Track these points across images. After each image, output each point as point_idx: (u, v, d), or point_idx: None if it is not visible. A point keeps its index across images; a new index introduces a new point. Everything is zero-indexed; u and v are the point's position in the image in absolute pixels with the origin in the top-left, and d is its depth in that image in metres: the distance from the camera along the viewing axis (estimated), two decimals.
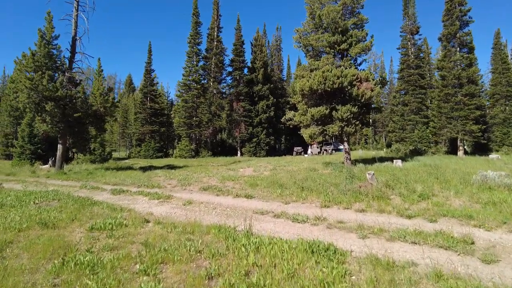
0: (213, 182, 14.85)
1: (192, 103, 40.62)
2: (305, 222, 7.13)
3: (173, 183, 15.12)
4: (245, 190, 12.20)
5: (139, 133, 45.03)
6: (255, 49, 44.88)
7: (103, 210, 8.57)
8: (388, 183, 10.78)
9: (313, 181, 12.52)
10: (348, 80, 17.95)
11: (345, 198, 9.43)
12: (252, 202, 9.88)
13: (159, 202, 10.09)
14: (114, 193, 11.91)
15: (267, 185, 12.69)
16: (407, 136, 39.48)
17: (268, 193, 11.18)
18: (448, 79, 32.75)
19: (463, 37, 32.66)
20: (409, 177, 12.42)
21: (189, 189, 13.03)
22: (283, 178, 14.80)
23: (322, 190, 10.69)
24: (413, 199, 8.98)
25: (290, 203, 9.53)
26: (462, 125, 31.72)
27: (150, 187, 13.69)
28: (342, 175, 14.33)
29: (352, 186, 10.53)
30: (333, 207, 8.83)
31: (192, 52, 41.42)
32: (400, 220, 7.16)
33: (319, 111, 18.57)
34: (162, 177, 18.02)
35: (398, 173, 14.20)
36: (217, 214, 8.36)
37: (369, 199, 9.26)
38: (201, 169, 22.29)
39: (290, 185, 12.29)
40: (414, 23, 41.51)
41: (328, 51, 20.00)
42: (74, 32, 20.99)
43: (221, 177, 16.18)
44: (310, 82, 18.41)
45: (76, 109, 19.71)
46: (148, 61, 46.54)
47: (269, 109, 43.78)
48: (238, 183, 14.07)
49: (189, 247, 5.15)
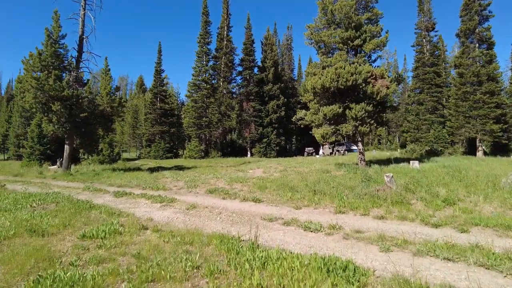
0: (221, 184, 14.22)
1: (202, 103, 40.14)
2: (318, 231, 6.39)
3: (180, 185, 14.56)
4: (253, 193, 11.52)
5: (149, 134, 44.83)
6: (265, 48, 44.16)
7: (100, 215, 8.02)
8: (408, 187, 9.94)
9: (326, 184, 11.75)
10: (362, 77, 17.10)
11: (361, 203, 8.65)
12: (260, 207, 9.19)
13: (162, 206, 9.50)
14: (117, 195, 11.40)
15: (277, 187, 11.99)
16: (422, 136, 38.14)
17: (278, 197, 10.47)
18: (466, 76, 31.39)
19: (483, 33, 31.26)
20: (429, 180, 11.55)
21: (195, 192, 12.42)
22: (293, 180, 14.07)
23: (336, 193, 9.93)
24: (437, 205, 8.14)
25: (301, 208, 8.80)
26: (482, 124, 30.34)
27: (155, 189, 13.14)
28: (357, 177, 13.52)
29: (369, 190, 9.73)
30: (349, 213, 8.07)
31: (202, 51, 40.96)
32: (425, 229, 6.35)
33: (331, 109, 17.76)
34: (169, 178, 17.53)
35: (416, 175, 13.32)
36: (222, 220, 7.69)
37: (388, 204, 8.46)
38: (209, 170, 21.73)
39: (301, 188, 11.56)
40: (430, 19, 40.12)
41: (341, 47, 19.17)
42: (81, 31, 20.71)
43: (229, 178, 15.55)
44: (322, 79, 17.62)
45: (82, 109, 19.39)
46: (158, 61, 46.35)
47: (280, 109, 43.00)
48: (247, 185, 13.41)
49: (185, 262, 4.50)
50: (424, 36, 40.47)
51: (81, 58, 20.80)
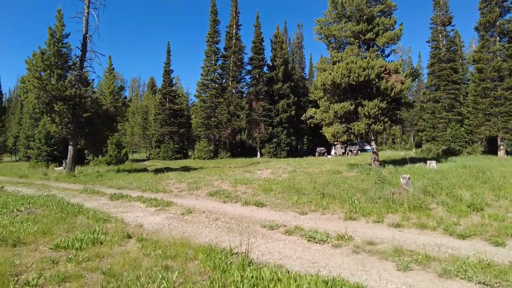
0: (224, 186, 13.47)
1: (211, 103, 39.55)
2: (324, 242, 5.54)
3: (182, 186, 13.88)
4: (257, 196, 10.73)
5: (158, 135, 44.56)
6: (275, 46, 43.25)
7: (87, 220, 7.37)
8: (427, 189, 8.96)
9: (336, 186, 10.85)
10: (375, 72, 16.09)
11: (374, 208, 7.75)
12: (262, 212, 8.38)
13: (156, 210, 8.80)
14: (112, 198, 10.77)
15: (283, 190, 11.16)
16: (438, 135, 36.59)
17: (283, 200, 9.64)
18: (486, 72, 29.78)
19: (504, 25, 29.59)
20: (450, 182, 10.52)
21: (196, 194, 11.71)
22: (302, 181, 13.23)
23: (346, 197, 9.03)
24: (461, 211, 7.17)
25: (307, 214, 7.96)
26: (503, 122, 28.69)
27: (155, 191, 12.49)
28: (370, 178, 12.57)
29: (383, 193, 8.80)
30: (360, 220, 7.19)
31: (211, 51, 40.37)
32: (450, 240, 5.43)
33: (342, 107, 16.82)
34: (173, 179, 16.91)
35: (435, 176, 12.28)
36: (217, 227, 6.92)
37: (405, 209, 7.53)
38: (216, 171, 21.04)
39: (309, 190, 10.70)
40: (446, 13, 38.49)
41: (352, 41, 18.19)
42: (85, 30, 20.33)
43: (234, 180, 14.79)
44: (332, 75, 16.70)
45: (86, 109, 18.99)
46: (166, 61, 46.06)
47: (290, 108, 42.02)
48: (251, 187, 12.62)
49: (159, 282, 3.74)
50: (440, 31, 38.85)
51: (85, 57, 20.42)
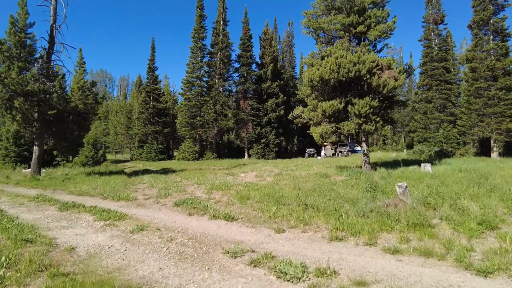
0: (198, 193, 12.01)
1: (196, 101, 37.82)
2: (298, 280, 4.10)
3: (151, 193, 12.38)
4: (231, 206, 9.29)
5: (141, 134, 42.67)
6: (264, 43, 41.81)
7: (4, 242, 5.82)
8: (427, 200, 7.62)
9: (321, 195, 9.46)
10: (366, 68, 14.79)
11: (366, 224, 6.38)
12: (232, 228, 6.93)
13: (104, 225, 7.26)
14: (62, 209, 9.18)
15: (262, 198, 9.73)
16: (431, 136, 35.68)
17: (259, 212, 8.22)
18: (479, 71, 28.88)
19: (497, 23, 28.75)
20: (451, 189, 9.22)
21: (163, 203, 10.21)
22: (285, 187, 11.84)
23: (333, 209, 7.64)
24: (471, 229, 5.83)
25: (284, 231, 6.54)
26: (497, 123, 27.81)
27: (116, 199, 10.93)
28: (361, 184, 11.24)
29: (376, 205, 7.43)
30: (349, 241, 5.81)
31: (196, 47, 38.64)
32: (468, 278, 4.05)
33: (331, 105, 15.48)
34: (145, 184, 15.42)
35: (432, 182, 10.99)
36: (168, 252, 5.44)
37: (403, 227, 6.16)
38: (196, 174, 19.55)
39: (291, 199, 9.29)
40: (439, 11, 37.63)
41: (342, 35, 16.91)
42: (53, 19, 18.58)
43: (211, 185, 13.33)
44: (320, 70, 15.36)
45: (51, 105, 17.24)
46: (151, 58, 44.11)
47: (279, 107, 40.60)
48: (228, 195, 11.18)
49: None
50: (432, 29, 37.98)
51: (53, 50, 18.67)
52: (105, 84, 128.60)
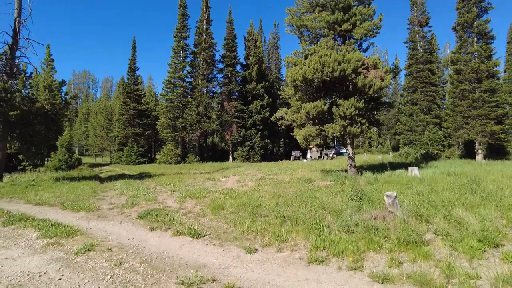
0: (169, 202, 10.96)
1: (178, 103, 36.55)
2: None
3: (118, 201, 11.26)
4: (201, 218, 8.30)
5: (121, 137, 41.01)
6: (249, 43, 40.90)
7: None
8: (419, 211, 6.81)
9: (302, 204, 8.55)
10: (352, 67, 14.05)
11: (350, 241, 5.50)
12: (196, 248, 5.95)
13: (46, 244, 6.15)
14: (6, 223, 7.97)
15: (237, 208, 8.77)
16: (416, 139, 35.39)
17: (231, 226, 7.26)
18: (464, 73, 28.69)
19: (481, 26, 28.66)
20: (442, 197, 8.47)
21: (127, 214, 9.13)
22: (265, 194, 10.92)
23: (314, 221, 6.74)
24: (471, 247, 5.02)
25: (256, 251, 5.60)
26: (481, 125, 27.63)
27: (77, 209, 9.78)
28: (346, 189, 10.43)
29: (362, 217, 6.57)
30: (330, 263, 4.92)
31: (179, 46, 37.39)
32: None
33: (315, 106, 14.68)
34: (116, 191, 14.25)
35: (422, 188, 10.26)
36: (112, 282, 4.43)
37: (393, 245, 5.31)
38: (174, 179, 18.44)
39: (269, 209, 8.37)
40: (424, 13, 37.57)
41: (327, 33, 16.14)
42: (17, 12, 17.20)
43: (186, 192, 12.30)
44: (304, 69, 14.53)
45: (14, 105, 15.87)
46: (132, 58, 42.51)
47: (264, 109, 39.70)
48: (201, 204, 10.18)
49: None
50: (417, 31, 37.87)
51: (17, 46, 17.28)
52: (88, 86, 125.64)
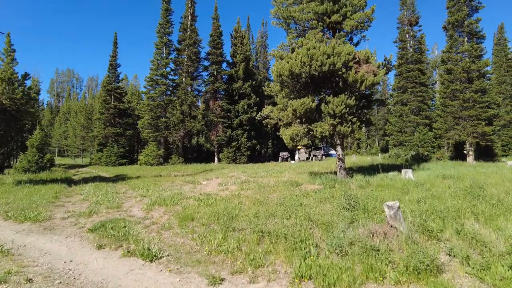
0: (135, 209, 9.56)
1: (160, 101, 34.86)
2: None
3: (78, 209, 9.82)
4: (165, 231, 6.94)
5: (101, 137, 39.04)
6: (235, 41, 39.53)
7: None
8: (426, 225, 5.60)
9: (286, 214, 7.25)
10: (342, 60, 12.91)
11: (344, 268, 4.25)
12: (145, 275, 4.59)
13: None
14: None
15: (208, 220, 7.44)
16: (406, 140, 34.64)
17: (198, 243, 5.92)
18: (455, 72, 28.01)
19: (472, 25, 28.05)
20: (447, 205, 7.34)
21: (81, 225, 7.72)
22: (246, 201, 9.64)
23: (298, 239, 5.46)
24: (503, 278, 3.84)
25: (223, 282, 4.29)
26: (473, 126, 26.95)
27: (22, 219, 8.28)
28: (336, 195, 9.24)
29: (357, 233, 5.33)
30: None
31: (161, 43, 35.70)
32: None
33: (303, 103, 13.48)
34: (83, 195, 12.83)
35: (419, 193, 9.16)
36: None
37: (400, 273, 4.08)
38: (150, 182, 16.99)
39: (247, 220, 7.08)
40: (413, 13, 36.89)
41: (315, 25, 14.94)
42: None
43: (156, 198, 10.93)
44: (290, 63, 13.31)
45: None
46: (113, 54, 40.47)
47: (251, 109, 38.35)
48: (170, 212, 8.81)
49: None
50: (407, 31, 37.17)
51: None
52: (72, 85, 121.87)
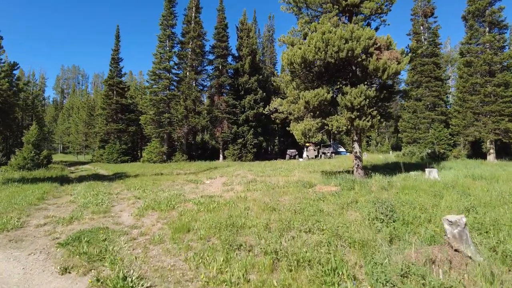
0: (125, 215, 8.22)
1: (164, 96, 33.55)
2: None
3: (61, 213, 8.56)
4: (154, 246, 5.56)
5: (103, 133, 37.93)
6: (241, 34, 38.01)
7: None
8: (506, 250, 4.14)
9: (305, 226, 5.82)
10: (362, 46, 11.40)
11: None
12: None
13: None
14: None
15: (209, 231, 6.06)
16: (421, 137, 32.95)
17: (192, 268, 4.53)
18: (475, 65, 26.24)
19: (494, 14, 26.22)
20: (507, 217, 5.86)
21: (55, 236, 6.42)
22: (253, 206, 8.24)
23: (327, 265, 4.04)
24: None
25: None
26: (494, 122, 25.18)
27: None
28: (360, 199, 7.79)
29: (408, 259, 3.88)
30: None
31: (165, 35, 34.32)
32: None
33: (317, 95, 12.03)
34: (72, 196, 11.57)
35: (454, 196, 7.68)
36: None
37: None
38: (149, 181, 15.70)
39: (256, 232, 5.68)
40: (428, 3, 35.06)
41: (330, 8, 13.41)
42: None
43: (151, 201, 9.61)
44: (303, 49, 11.87)
45: None
46: (115, 48, 39.22)
47: (258, 104, 36.84)
48: (164, 219, 7.47)
49: None
50: (421, 22, 35.36)
51: None
52: (78, 81, 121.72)
